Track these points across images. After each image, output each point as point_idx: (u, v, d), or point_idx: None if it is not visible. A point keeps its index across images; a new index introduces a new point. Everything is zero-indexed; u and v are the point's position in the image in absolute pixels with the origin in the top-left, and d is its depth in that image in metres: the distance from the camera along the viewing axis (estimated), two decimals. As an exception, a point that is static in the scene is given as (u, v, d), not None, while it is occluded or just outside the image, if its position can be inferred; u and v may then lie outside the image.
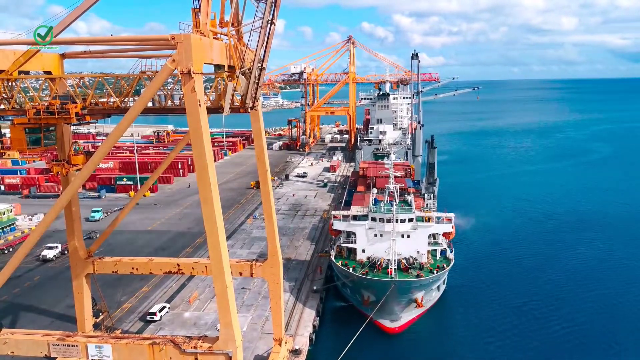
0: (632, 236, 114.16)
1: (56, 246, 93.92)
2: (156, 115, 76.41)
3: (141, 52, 45.12)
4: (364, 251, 77.64)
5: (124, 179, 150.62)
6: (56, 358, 46.06)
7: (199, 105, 37.07)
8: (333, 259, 78.36)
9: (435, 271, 73.87)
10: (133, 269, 54.75)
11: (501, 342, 69.90)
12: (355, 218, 79.86)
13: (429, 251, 77.50)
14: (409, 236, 75.99)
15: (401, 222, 74.94)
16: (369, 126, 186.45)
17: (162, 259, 57.88)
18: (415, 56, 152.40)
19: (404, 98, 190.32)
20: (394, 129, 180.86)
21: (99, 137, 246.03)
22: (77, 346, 43.63)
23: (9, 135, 52.78)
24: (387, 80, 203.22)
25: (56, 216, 41.37)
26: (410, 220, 75.87)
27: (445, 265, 75.92)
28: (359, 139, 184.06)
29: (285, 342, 60.30)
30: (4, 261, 45.66)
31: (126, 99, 42.38)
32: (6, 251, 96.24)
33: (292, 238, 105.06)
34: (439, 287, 79.33)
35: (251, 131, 58.62)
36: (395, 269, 71.00)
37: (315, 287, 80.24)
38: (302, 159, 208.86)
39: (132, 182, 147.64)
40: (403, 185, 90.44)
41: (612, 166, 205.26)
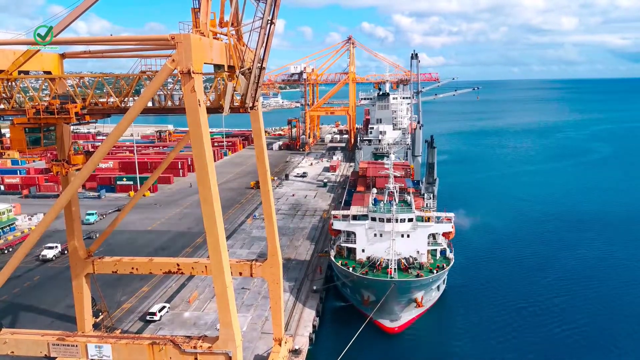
0: (632, 236, 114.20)
1: (56, 246, 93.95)
2: (156, 115, 76.57)
3: (141, 52, 45.12)
4: (363, 251, 77.67)
5: (124, 179, 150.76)
6: (56, 358, 46.10)
7: (199, 105, 37.08)
8: (333, 258, 78.38)
9: (435, 271, 73.89)
10: (133, 268, 54.80)
11: (501, 341, 69.95)
12: (355, 218, 79.88)
13: (428, 251, 77.54)
14: (408, 236, 76.05)
15: (401, 222, 74.99)
16: (369, 126, 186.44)
17: (162, 259, 57.91)
18: (415, 56, 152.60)
19: (403, 98, 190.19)
20: (393, 129, 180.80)
21: (98, 137, 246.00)
22: (76, 346, 43.66)
23: (8, 135, 52.83)
24: (387, 80, 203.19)
25: (56, 216, 41.36)
26: (410, 220, 75.91)
27: (445, 265, 75.97)
28: (358, 139, 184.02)
29: (285, 342, 60.32)
30: (4, 261, 45.62)
31: (126, 99, 42.38)
32: (6, 251, 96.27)
33: (292, 238, 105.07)
34: (438, 287, 79.35)
35: (251, 131, 58.61)
36: (395, 268, 71.07)
37: (315, 287, 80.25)
38: (302, 159, 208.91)
39: (132, 182, 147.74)
40: (403, 185, 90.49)
41: (612, 166, 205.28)
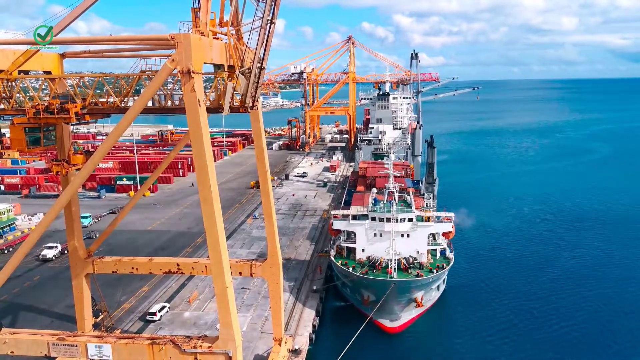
0: (632, 236, 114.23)
1: (56, 246, 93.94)
2: (156, 115, 76.58)
3: (141, 51, 45.12)
4: (363, 251, 77.66)
5: (124, 178, 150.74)
6: (56, 358, 46.08)
7: (199, 105, 37.06)
8: (333, 258, 78.36)
9: (435, 271, 73.89)
10: (133, 268, 54.79)
11: (501, 341, 69.95)
12: (355, 218, 79.87)
13: (428, 251, 77.52)
14: (408, 236, 76.05)
15: (401, 221, 74.99)
16: (369, 126, 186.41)
17: (162, 259, 57.86)
18: (415, 56, 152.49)
19: (403, 98, 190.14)
20: (393, 129, 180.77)
21: (98, 137, 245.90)
22: (76, 346, 43.64)
23: (8, 135, 52.81)
24: (387, 80, 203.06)
25: (56, 216, 41.34)
26: (410, 220, 75.91)
27: (444, 265, 75.97)
28: (358, 138, 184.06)
29: (285, 342, 60.32)
30: (4, 261, 45.60)
31: (126, 99, 42.36)
32: (6, 251, 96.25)
33: (292, 238, 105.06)
34: (438, 287, 79.35)
35: (251, 131, 58.60)
36: (395, 268, 71.06)
37: (315, 287, 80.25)
38: (302, 158, 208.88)
39: (131, 182, 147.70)
40: (403, 185, 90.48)
41: (612, 166, 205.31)
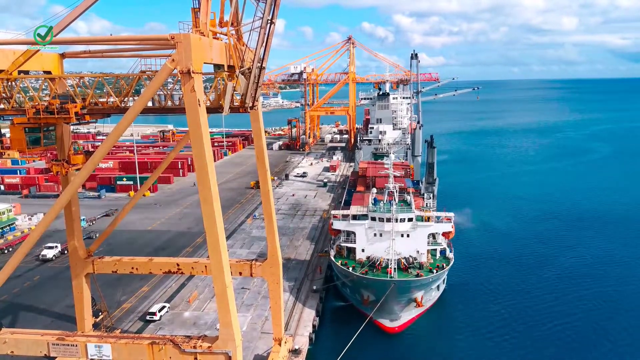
0: (632, 235, 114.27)
1: (56, 246, 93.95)
2: (156, 115, 76.58)
3: (141, 51, 45.09)
4: (363, 251, 77.68)
5: (124, 178, 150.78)
6: (56, 358, 46.12)
7: (199, 105, 37.05)
8: (333, 258, 78.38)
9: (435, 271, 73.90)
10: (133, 268, 54.79)
11: (501, 341, 69.97)
12: (354, 218, 79.87)
13: (428, 250, 77.53)
14: (408, 236, 76.06)
15: (401, 221, 75.00)
16: (369, 126, 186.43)
17: (161, 259, 57.85)
18: (415, 56, 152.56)
19: (403, 98, 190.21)
20: (393, 129, 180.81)
21: (98, 137, 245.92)
22: (76, 346, 43.62)
23: (8, 135, 52.81)
24: (387, 80, 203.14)
25: (56, 216, 41.32)
26: (410, 220, 75.93)
27: (444, 265, 75.98)
28: (358, 138, 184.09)
29: (285, 342, 60.35)
30: (4, 261, 45.58)
31: (126, 99, 42.35)
32: (6, 251, 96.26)
33: (292, 238, 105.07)
34: (438, 287, 79.35)
35: (251, 131, 58.59)
36: (394, 268, 71.06)
37: (315, 287, 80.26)
38: (302, 158, 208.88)
39: (131, 182, 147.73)
40: (402, 185, 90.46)
41: (612, 166, 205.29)
